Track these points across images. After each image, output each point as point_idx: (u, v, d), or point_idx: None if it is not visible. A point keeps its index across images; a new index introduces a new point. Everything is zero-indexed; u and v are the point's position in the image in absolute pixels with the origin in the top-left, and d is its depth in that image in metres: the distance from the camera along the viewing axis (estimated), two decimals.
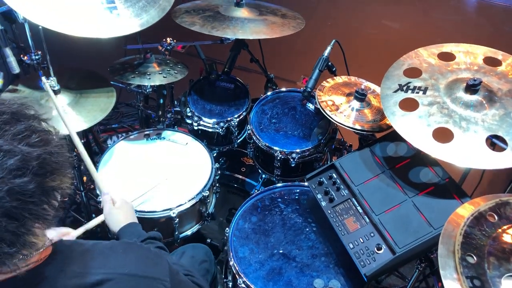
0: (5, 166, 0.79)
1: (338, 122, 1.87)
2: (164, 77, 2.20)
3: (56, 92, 1.95)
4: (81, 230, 1.64)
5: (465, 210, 1.32)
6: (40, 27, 1.79)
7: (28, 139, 0.84)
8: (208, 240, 2.36)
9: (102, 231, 2.31)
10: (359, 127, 1.84)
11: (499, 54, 1.71)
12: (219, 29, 2.08)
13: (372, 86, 2.08)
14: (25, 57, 2.09)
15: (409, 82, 1.68)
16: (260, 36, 2.10)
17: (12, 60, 2.02)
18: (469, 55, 1.73)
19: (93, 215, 2.43)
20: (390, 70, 1.77)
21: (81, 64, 2.71)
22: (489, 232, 1.24)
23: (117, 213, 1.56)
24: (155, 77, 2.19)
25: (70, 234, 1.59)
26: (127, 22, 1.86)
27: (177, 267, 1.21)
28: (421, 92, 1.64)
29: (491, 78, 1.63)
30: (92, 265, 0.96)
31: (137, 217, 1.82)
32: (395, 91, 1.68)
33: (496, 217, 1.27)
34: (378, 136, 1.87)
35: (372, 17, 2.94)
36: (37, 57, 2.09)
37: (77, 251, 0.98)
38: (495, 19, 2.51)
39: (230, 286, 1.80)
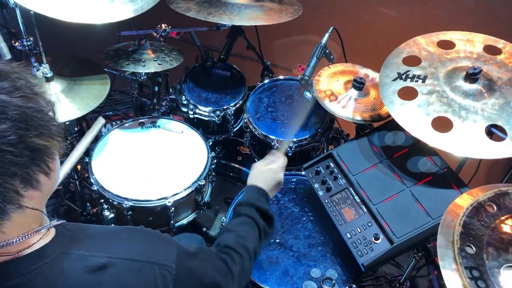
0: None
1: (335, 112, 1.84)
2: (159, 64, 2.16)
3: (49, 79, 1.91)
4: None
5: (464, 200, 1.32)
6: (31, 12, 1.74)
7: (10, 93, 0.81)
8: (204, 229, 2.35)
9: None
10: (357, 117, 1.82)
11: (499, 43, 1.69)
12: (215, 15, 2.04)
13: (370, 73, 2.06)
14: (17, 43, 2.04)
15: (408, 71, 1.66)
16: (257, 22, 2.07)
17: (3, 46, 1.96)
18: (468, 43, 1.71)
19: (88, 204, 2.42)
20: (389, 58, 1.74)
21: (74, 50, 2.67)
22: (488, 223, 1.23)
23: (264, 174, 1.49)
24: (150, 64, 2.15)
25: None
26: (122, 7, 1.82)
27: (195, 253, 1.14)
28: (420, 81, 1.62)
29: (491, 66, 1.61)
30: (96, 249, 0.94)
31: (132, 206, 1.81)
32: (394, 80, 1.66)
33: (495, 208, 1.26)
34: (376, 125, 1.85)
35: (369, 4, 2.90)
36: (29, 43, 2.03)
37: (81, 234, 0.96)
38: (493, 7, 2.49)
39: None
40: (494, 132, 1.49)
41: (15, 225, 0.84)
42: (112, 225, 1.83)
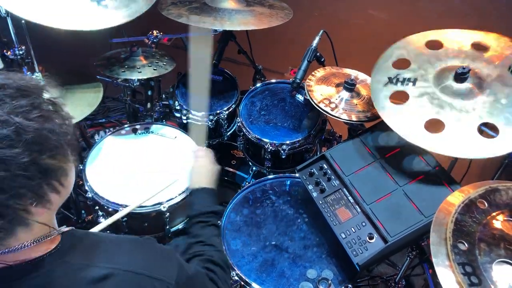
0: None
1: (328, 113, 1.86)
2: (154, 69, 2.17)
3: None
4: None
5: (456, 198, 1.34)
6: (23, 21, 1.75)
7: (28, 113, 0.81)
8: None
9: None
10: (349, 118, 1.84)
11: (486, 39, 1.69)
12: (206, 21, 2.06)
13: (361, 75, 2.08)
14: (9, 52, 2.04)
15: (398, 74, 1.68)
16: (248, 27, 2.08)
17: None
18: (456, 42, 1.72)
19: (83, 211, 2.41)
20: (379, 62, 1.76)
21: (65, 58, 2.67)
22: (480, 219, 1.25)
23: (200, 171, 1.54)
24: (146, 70, 2.16)
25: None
26: (115, 13, 1.82)
27: (195, 267, 1.18)
28: (410, 84, 1.64)
29: (480, 64, 1.62)
30: (98, 259, 0.94)
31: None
32: (385, 85, 1.67)
33: (486, 204, 1.28)
34: (368, 125, 1.87)
35: (359, 7, 2.94)
36: (20, 52, 2.03)
37: (86, 243, 0.96)
38: (482, 6, 2.52)
39: None
40: (485, 130, 1.51)
41: (19, 239, 0.85)
42: (120, 235, 1.80)
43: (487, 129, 1.50)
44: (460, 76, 1.56)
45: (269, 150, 2.07)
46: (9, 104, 0.81)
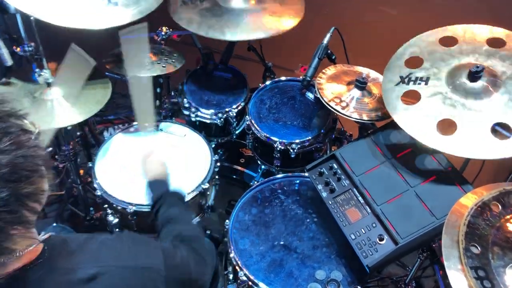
0: None
1: (338, 112, 1.84)
2: (163, 66, 2.16)
3: (50, 85, 1.91)
4: None
5: (469, 200, 1.31)
6: (32, 18, 1.74)
7: None
8: (208, 232, 2.35)
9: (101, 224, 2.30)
10: (359, 117, 1.81)
11: (502, 34, 1.65)
12: (216, 29, 2.05)
13: (373, 73, 2.05)
14: (18, 49, 2.05)
15: (410, 73, 1.65)
16: (258, 35, 2.08)
17: (4, 52, 1.98)
18: (471, 38, 1.67)
19: (91, 208, 2.42)
20: (391, 60, 1.73)
21: None
22: (493, 222, 1.23)
23: (157, 166, 1.58)
24: (154, 67, 2.15)
25: None
26: (125, 11, 1.81)
27: (175, 245, 1.20)
28: (423, 83, 1.61)
29: (495, 61, 1.58)
30: (83, 260, 0.94)
31: (136, 210, 1.81)
32: (397, 84, 1.65)
33: (500, 207, 1.26)
34: (379, 124, 1.85)
35: (369, 3, 2.90)
36: (30, 48, 2.04)
37: (68, 247, 0.96)
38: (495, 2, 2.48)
39: (231, 278, 1.79)
40: (498, 130, 1.48)
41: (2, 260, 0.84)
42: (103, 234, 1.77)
43: (501, 129, 1.47)
44: (474, 75, 1.52)
45: (278, 149, 2.05)
46: None
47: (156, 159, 1.60)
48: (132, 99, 1.72)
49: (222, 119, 2.26)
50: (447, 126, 1.49)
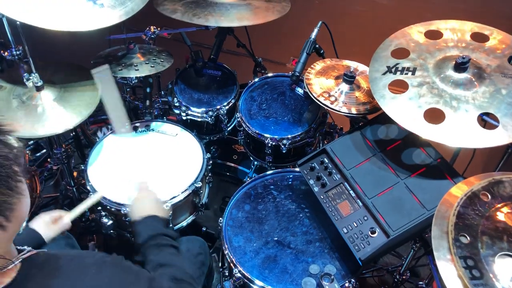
0: None
1: (328, 107, 1.84)
2: (152, 66, 2.15)
3: (39, 88, 1.91)
4: (76, 212, 1.62)
5: (459, 190, 1.32)
6: (18, 22, 1.73)
7: None
8: (204, 229, 2.36)
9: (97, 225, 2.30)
10: (349, 111, 1.82)
11: (486, 29, 1.68)
12: (201, 17, 2.03)
13: (361, 67, 2.05)
14: (6, 53, 2.04)
15: (397, 64, 1.66)
16: (244, 22, 2.06)
17: None
18: (456, 32, 1.70)
19: (86, 210, 2.41)
20: (378, 51, 1.74)
21: (63, 56, 2.66)
22: (483, 212, 1.23)
23: (143, 201, 1.54)
24: (143, 68, 2.14)
25: (63, 218, 1.56)
26: (112, 12, 1.81)
27: (166, 279, 1.15)
28: (410, 73, 1.62)
29: (480, 54, 1.61)
30: (63, 285, 0.91)
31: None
32: (384, 74, 1.65)
33: (489, 196, 1.26)
34: (370, 117, 1.85)
35: None
36: (18, 52, 2.03)
37: (46, 269, 0.92)
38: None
39: (227, 274, 1.80)
40: (486, 120, 1.50)
41: None
42: (86, 254, 1.58)
43: (489, 119, 1.48)
44: (460, 66, 1.53)
45: (269, 145, 2.06)
46: None
47: (148, 197, 1.56)
48: (105, 106, 1.81)
49: (213, 117, 2.26)
50: (435, 116, 1.49)
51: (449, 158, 1.72)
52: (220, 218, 1.80)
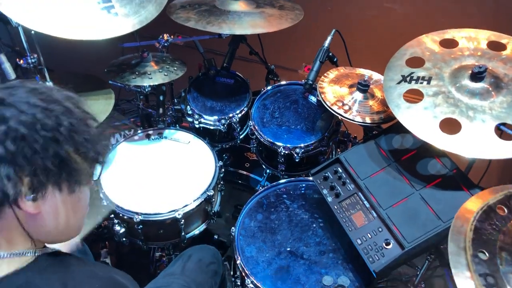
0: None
1: (341, 116, 1.83)
2: (165, 75, 2.16)
3: None
4: (85, 231, 1.62)
5: (474, 204, 1.29)
6: (32, 31, 1.75)
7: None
8: (216, 236, 2.35)
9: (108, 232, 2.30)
10: (363, 120, 1.80)
11: (503, 38, 1.65)
12: (214, 24, 2.04)
13: (376, 75, 2.03)
14: (21, 61, 2.06)
15: (412, 73, 1.64)
16: (257, 30, 2.05)
17: (7, 66, 1.98)
18: (472, 41, 1.68)
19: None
20: (392, 60, 1.72)
21: (77, 65, 2.68)
22: (500, 226, 1.21)
23: None
24: (156, 76, 2.14)
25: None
26: (126, 21, 1.82)
27: None
28: (425, 82, 1.60)
29: (496, 63, 1.58)
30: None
31: (142, 220, 1.81)
32: (399, 83, 1.63)
33: (506, 210, 1.23)
34: (384, 126, 1.83)
35: (374, 1, 2.88)
36: (33, 60, 2.05)
37: (54, 275, 0.88)
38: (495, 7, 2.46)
39: (239, 283, 1.79)
40: (503, 130, 1.47)
41: None
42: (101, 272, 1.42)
43: (506, 129, 1.45)
44: (477, 75, 1.51)
45: (282, 153, 2.05)
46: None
47: None
48: None
49: (225, 125, 2.26)
50: (451, 126, 1.47)
51: (463, 167, 1.70)
52: (233, 228, 1.79)
